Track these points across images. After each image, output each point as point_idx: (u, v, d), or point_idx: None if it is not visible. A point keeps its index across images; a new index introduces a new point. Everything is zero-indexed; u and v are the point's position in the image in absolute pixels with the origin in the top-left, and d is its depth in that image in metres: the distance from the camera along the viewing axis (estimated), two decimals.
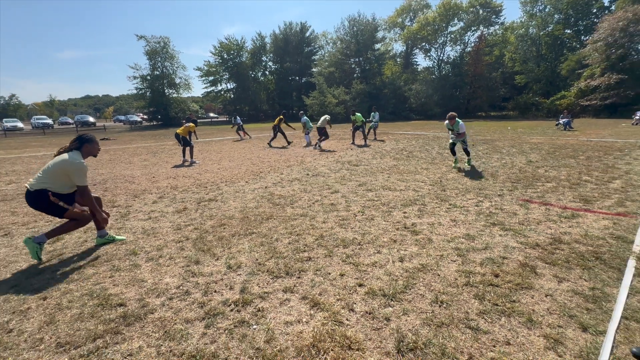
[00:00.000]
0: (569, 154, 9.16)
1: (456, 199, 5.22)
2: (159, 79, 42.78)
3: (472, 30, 40.98)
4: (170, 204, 5.45)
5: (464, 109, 39.52)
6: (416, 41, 43.60)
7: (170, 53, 42.99)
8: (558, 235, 3.72)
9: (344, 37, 44.73)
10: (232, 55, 50.67)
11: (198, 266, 3.22)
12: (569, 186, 5.80)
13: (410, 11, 46.01)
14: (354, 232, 3.98)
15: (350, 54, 44.76)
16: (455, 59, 42.52)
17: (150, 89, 42.71)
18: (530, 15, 38.59)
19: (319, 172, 7.80)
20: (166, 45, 42.37)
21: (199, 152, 12.68)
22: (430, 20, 40.73)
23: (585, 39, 33.27)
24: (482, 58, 37.92)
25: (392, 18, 46.69)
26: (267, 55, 54.30)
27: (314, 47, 53.74)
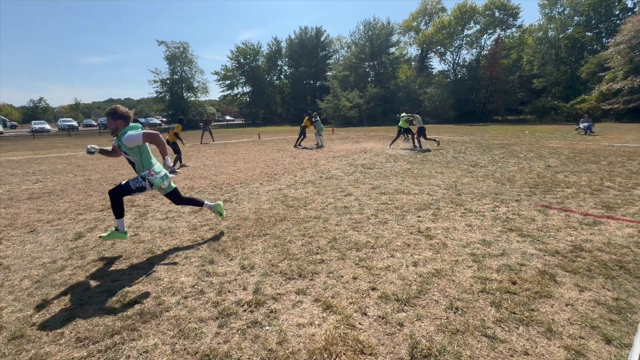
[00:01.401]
0: (590, 159, 8.83)
1: (471, 204, 5.09)
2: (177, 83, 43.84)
3: (489, 33, 40.24)
4: None
5: (480, 113, 38.79)
6: (431, 45, 43.13)
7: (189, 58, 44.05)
8: (579, 242, 3.57)
9: (359, 41, 44.73)
10: (249, 60, 51.46)
11: (212, 266, 3.25)
12: (590, 192, 5.58)
13: (425, 15, 45.58)
14: (367, 235, 3.94)
15: (365, 58, 44.68)
16: (471, 62, 41.79)
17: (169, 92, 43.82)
18: (548, 17, 37.60)
19: (333, 174, 7.78)
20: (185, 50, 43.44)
21: (215, 154, 12.86)
22: (445, 23, 40.24)
23: (607, 41, 32.13)
24: (499, 61, 37.16)
25: (407, 22, 46.36)
26: (282, 59, 54.89)
27: (329, 51, 53.95)
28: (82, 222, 4.73)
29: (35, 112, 77.69)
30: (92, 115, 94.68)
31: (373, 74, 45.32)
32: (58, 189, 7.06)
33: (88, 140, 23.62)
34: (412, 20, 46.14)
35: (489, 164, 8.54)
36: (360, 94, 39.30)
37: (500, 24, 39.22)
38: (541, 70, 38.06)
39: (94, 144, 3.82)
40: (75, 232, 4.33)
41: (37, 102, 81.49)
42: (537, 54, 38.21)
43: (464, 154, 10.51)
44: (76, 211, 5.31)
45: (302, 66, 51.44)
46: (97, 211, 5.28)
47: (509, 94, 37.90)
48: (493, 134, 18.96)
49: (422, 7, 45.50)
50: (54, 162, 11.42)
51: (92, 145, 3.60)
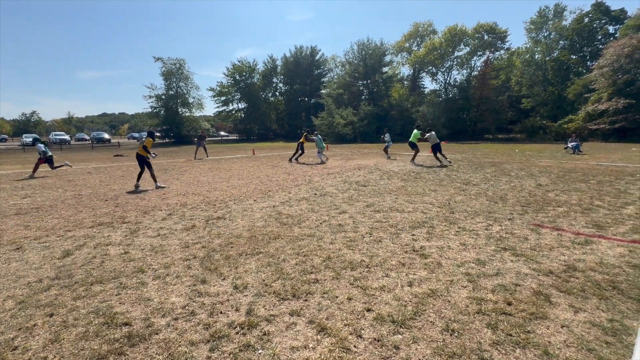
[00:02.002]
0: (579, 178, 9.00)
1: (465, 222, 5.12)
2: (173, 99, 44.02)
3: (478, 55, 41.57)
4: (179, 221, 5.46)
5: (471, 131, 39.53)
6: (423, 65, 44.31)
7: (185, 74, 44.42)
8: (572, 262, 3.60)
9: (353, 61, 45.73)
10: (244, 77, 52.14)
11: (204, 286, 3.18)
12: (581, 211, 5.66)
13: (417, 36, 47.04)
14: (362, 254, 3.91)
15: (359, 77, 45.59)
16: (462, 82, 42.93)
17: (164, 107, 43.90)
18: (535, 41, 39.16)
19: (327, 191, 7.78)
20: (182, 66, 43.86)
21: (208, 169, 12.81)
22: (436, 45, 41.51)
23: (591, 64, 33.46)
24: (489, 82, 38.23)
25: (399, 43, 47.76)
26: (277, 77, 55.75)
27: (324, 70, 55.02)
28: (70, 239, 4.62)
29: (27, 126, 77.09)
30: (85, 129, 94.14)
31: (366, 92, 46.16)
32: (47, 204, 6.92)
33: (79, 155, 23.39)
34: (405, 41, 47.57)
35: (482, 182, 8.65)
36: (354, 112, 39.87)
37: (489, 46, 40.63)
38: (529, 91, 39.27)
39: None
40: (63, 249, 4.22)
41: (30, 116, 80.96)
42: (525, 75, 39.55)
43: (457, 172, 10.63)
44: (65, 228, 5.19)
45: (297, 84, 52.28)
46: (86, 228, 5.17)
47: (499, 113, 38.83)
48: (484, 152, 19.28)
49: (413, 29, 47.03)
50: (43, 177, 11.25)
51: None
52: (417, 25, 46.80)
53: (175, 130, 43.58)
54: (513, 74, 41.17)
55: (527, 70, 39.36)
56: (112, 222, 5.47)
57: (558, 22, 37.31)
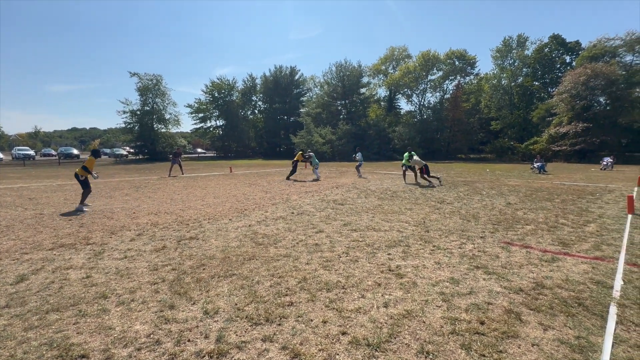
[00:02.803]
0: (545, 197, 9.46)
1: (440, 241, 5.21)
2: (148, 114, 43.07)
3: (450, 79, 43.87)
4: (149, 242, 5.22)
5: (445, 151, 41.02)
6: (398, 87, 46.11)
7: (162, 90, 43.78)
8: (540, 279, 3.71)
9: (331, 81, 46.90)
10: (223, 94, 52.08)
11: (172, 311, 3.01)
12: (547, 229, 5.91)
13: (392, 60, 49.10)
14: (338, 274, 3.87)
15: (337, 97, 46.68)
16: (436, 104, 44.94)
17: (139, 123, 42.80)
18: (501, 68, 41.83)
19: (304, 210, 7.73)
20: (158, 82, 43.24)
21: (183, 187, 12.47)
22: (411, 69, 43.48)
23: (552, 90, 36.01)
24: (460, 104, 40.23)
25: (376, 65, 49.60)
26: (257, 95, 56.08)
27: (303, 89, 55.95)
28: (26, 263, 4.29)
29: None
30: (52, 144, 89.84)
31: (345, 112, 47.22)
32: (3, 224, 6.45)
33: (45, 171, 22.18)
34: (381, 64, 49.48)
35: (455, 201, 8.90)
36: (332, 131, 40.54)
37: (460, 71, 43.04)
38: (498, 114, 41.57)
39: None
40: (18, 274, 3.91)
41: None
42: (494, 99, 41.94)
43: (432, 191, 10.91)
44: (21, 250, 4.83)
45: (276, 102, 52.75)
46: (46, 250, 4.83)
47: (470, 134, 40.72)
48: (457, 171, 19.98)
49: (389, 53, 49.11)
50: (2, 194, 10.53)
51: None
52: (392, 49, 48.95)
53: (150, 146, 42.40)
54: (482, 98, 43.55)
55: (495, 94, 41.79)
56: (74, 243, 5.15)
57: (521, 51, 40.19)
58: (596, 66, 30.20)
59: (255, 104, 57.35)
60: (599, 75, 29.46)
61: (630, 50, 32.17)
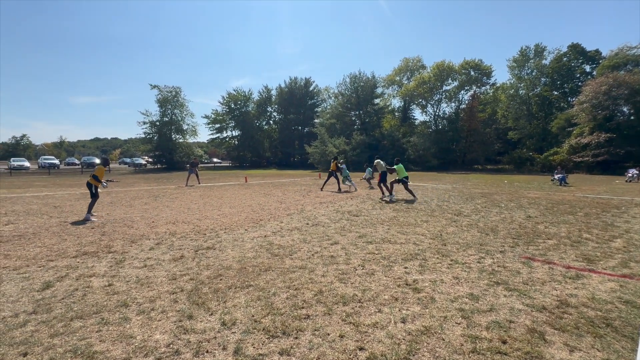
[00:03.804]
0: (567, 210, 9.16)
1: (457, 255, 5.11)
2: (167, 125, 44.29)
3: (466, 89, 43.39)
4: (168, 251, 5.33)
5: (461, 162, 40.40)
6: (413, 97, 45.94)
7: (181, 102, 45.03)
8: (564, 297, 3.58)
9: (345, 92, 47.23)
10: (239, 105, 53.17)
11: (191, 321, 3.05)
12: (570, 244, 5.72)
13: (407, 71, 49.14)
14: (354, 287, 3.84)
15: (351, 107, 46.91)
16: (451, 114, 44.44)
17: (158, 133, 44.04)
18: (518, 77, 41.23)
19: (319, 221, 7.74)
20: (177, 94, 44.56)
21: (200, 197, 12.70)
22: (425, 79, 43.31)
23: (572, 100, 35.14)
24: (476, 115, 39.70)
25: (390, 76, 49.74)
26: (272, 106, 57.01)
27: (317, 100, 56.55)
28: (52, 270, 4.45)
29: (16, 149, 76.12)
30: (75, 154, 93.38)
31: (359, 123, 47.31)
32: (30, 231, 6.72)
33: (68, 179, 23.03)
34: (395, 75, 49.59)
35: (472, 213, 8.72)
36: (346, 141, 40.60)
37: (476, 81, 42.55)
38: (515, 124, 40.82)
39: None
40: (44, 281, 4.05)
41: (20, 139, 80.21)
42: (511, 109, 41.27)
43: (448, 203, 10.74)
44: (47, 257, 5.01)
45: (291, 113, 53.47)
46: (70, 257, 5.00)
47: (487, 144, 40.00)
48: (474, 182, 19.61)
49: (404, 64, 49.21)
50: (29, 202, 10.98)
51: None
52: (406, 60, 49.04)
53: (168, 156, 43.47)
54: (499, 108, 42.91)
55: (512, 104, 41.12)
56: (97, 251, 5.31)
57: (539, 60, 39.59)
58: (618, 75, 29.41)
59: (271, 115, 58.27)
60: (622, 85, 28.62)
61: None
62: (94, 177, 8.46)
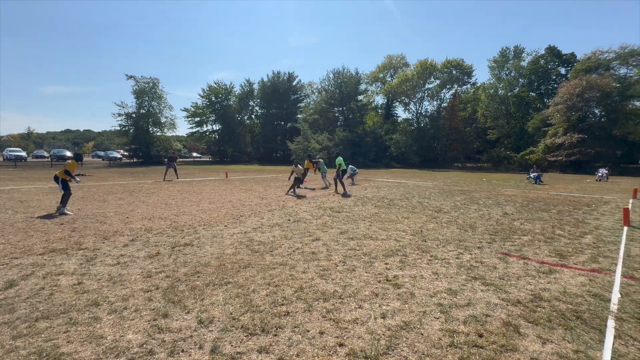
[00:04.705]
0: (541, 207, 9.53)
1: (437, 250, 5.21)
2: (144, 117, 42.88)
3: (447, 88, 44.33)
4: (143, 247, 5.17)
5: (442, 159, 41.29)
6: (396, 95, 46.51)
7: (159, 93, 43.67)
8: (538, 291, 3.72)
9: (329, 88, 47.20)
10: (220, 99, 52.08)
11: (166, 320, 2.97)
12: (544, 240, 5.95)
13: (390, 68, 49.65)
14: (335, 283, 3.85)
15: (334, 103, 46.94)
16: (433, 112, 45.34)
17: (134, 126, 42.60)
18: (498, 78, 42.41)
19: (301, 217, 7.71)
20: (155, 85, 43.18)
21: (178, 192, 12.39)
22: (409, 77, 43.91)
23: (548, 101, 36.51)
24: (457, 113, 40.63)
25: (374, 73, 50.10)
26: (254, 100, 56.19)
27: (300, 95, 56.19)
28: (16, 268, 4.22)
29: None
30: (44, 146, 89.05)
31: (342, 119, 47.45)
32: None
33: (37, 173, 21.94)
34: (379, 72, 49.99)
35: (452, 210, 8.93)
36: (329, 137, 40.65)
37: (457, 80, 43.52)
38: (494, 123, 42.03)
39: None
40: (7, 279, 3.84)
41: None
42: (490, 108, 42.42)
43: (429, 199, 10.95)
44: (11, 254, 4.75)
45: (273, 108, 52.86)
46: (36, 255, 4.76)
47: (467, 143, 41.08)
48: (454, 180, 20.10)
49: (387, 61, 49.70)
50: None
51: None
52: (390, 57, 49.54)
53: (145, 149, 42.13)
54: (479, 107, 44.05)
55: (492, 104, 42.29)
56: (66, 248, 5.08)
57: (517, 62, 40.84)
58: (591, 78, 30.76)
59: (253, 109, 57.43)
60: (594, 87, 29.97)
61: (624, 63, 32.84)
62: (65, 172, 8.09)
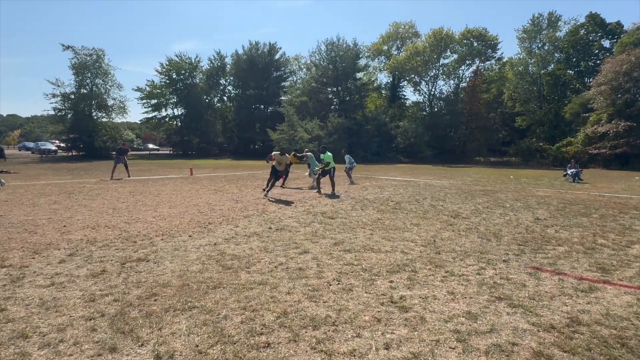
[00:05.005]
0: (580, 211, 9.74)
1: (453, 265, 5.28)
2: (86, 99, 42.41)
3: (467, 64, 44.87)
4: (84, 264, 5.12)
5: (460, 153, 41.78)
6: (404, 72, 46.84)
7: (104, 68, 43.25)
8: (575, 314, 3.80)
9: (320, 63, 47.24)
10: (183, 76, 51.79)
11: (114, 355, 2.94)
12: (584, 251, 6.08)
13: (397, 39, 50.02)
14: (328, 307, 3.87)
15: (327, 82, 47.04)
16: (449, 94, 45.82)
17: (73, 110, 42.07)
18: (528, 51, 43.01)
19: (285, 225, 7.73)
20: (100, 58, 42.73)
21: (130, 193, 12.27)
22: (419, 49, 44.23)
23: (589, 80, 37.14)
24: (479, 95, 41.10)
25: (376, 45, 50.35)
26: (226, 78, 55.98)
27: (284, 72, 56.21)
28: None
29: None
30: None
31: (337, 102, 47.63)
32: None
33: None
34: (382, 43, 50.29)
35: (472, 215, 9.06)
36: (320, 124, 40.74)
37: (479, 55, 44.08)
38: (524, 108, 42.67)
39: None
40: None
41: None
42: (519, 89, 43.01)
43: (444, 202, 11.08)
44: None
45: (250, 88, 52.74)
46: None
47: (490, 132, 41.61)
48: (475, 177, 20.38)
49: (393, 30, 50.01)
50: None
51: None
52: (397, 25, 49.92)
53: (87, 140, 41.66)
54: (506, 88, 44.63)
55: (521, 84, 42.88)
56: None
57: (552, 32, 41.48)
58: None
59: (225, 89, 57.26)
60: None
61: None
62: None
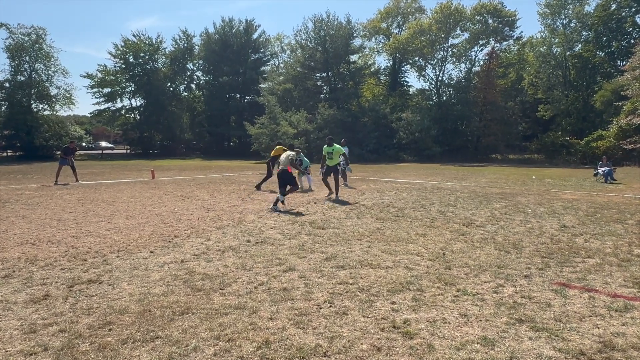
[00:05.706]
0: (613, 217, 9.91)
1: (466, 282, 5.33)
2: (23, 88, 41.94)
3: (481, 45, 45.25)
4: (23, 287, 5.07)
5: (473, 149, 42.13)
6: (406, 54, 47.13)
7: (46, 51, 42.82)
8: (609, 337, 3.86)
9: (307, 44, 47.39)
10: (142, 60, 51.50)
11: None
12: (618, 263, 6.19)
13: (398, 15, 50.37)
14: (318, 335, 3.88)
15: (316, 67, 47.20)
16: (460, 80, 46.16)
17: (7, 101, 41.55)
18: (551, 30, 43.59)
19: (266, 237, 7.73)
20: (40, 38, 42.27)
21: (78, 201, 12.14)
22: (425, 27, 44.51)
23: (622, 64, 37.73)
24: (495, 81, 41.53)
25: (373, 22, 50.65)
26: (194, 62, 55.81)
27: (264, 55, 56.23)
28: None
29: None
30: None
31: (327, 90, 47.85)
32: None
33: None
34: (381, 20, 50.61)
35: (488, 223, 9.15)
36: (308, 117, 40.78)
37: (494, 33, 44.49)
38: (547, 96, 43.18)
39: None
40: None
41: None
42: (541, 74, 43.53)
43: (454, 208, 11.18)
44: None
45: (224, 74, 52.56)
46: None
47: (509, 124, 42.03)
48: (491, 178, 20.58)
49: (393, 5, 50.36)
50: None
51: None
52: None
53: (26, 137, 41.20)
54: (526, 72, 45.19)
55: (544, 67, 43.43)
56: None
57: (579, 7, 42.12)
58: None
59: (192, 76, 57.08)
60: None
61: None
62: None
